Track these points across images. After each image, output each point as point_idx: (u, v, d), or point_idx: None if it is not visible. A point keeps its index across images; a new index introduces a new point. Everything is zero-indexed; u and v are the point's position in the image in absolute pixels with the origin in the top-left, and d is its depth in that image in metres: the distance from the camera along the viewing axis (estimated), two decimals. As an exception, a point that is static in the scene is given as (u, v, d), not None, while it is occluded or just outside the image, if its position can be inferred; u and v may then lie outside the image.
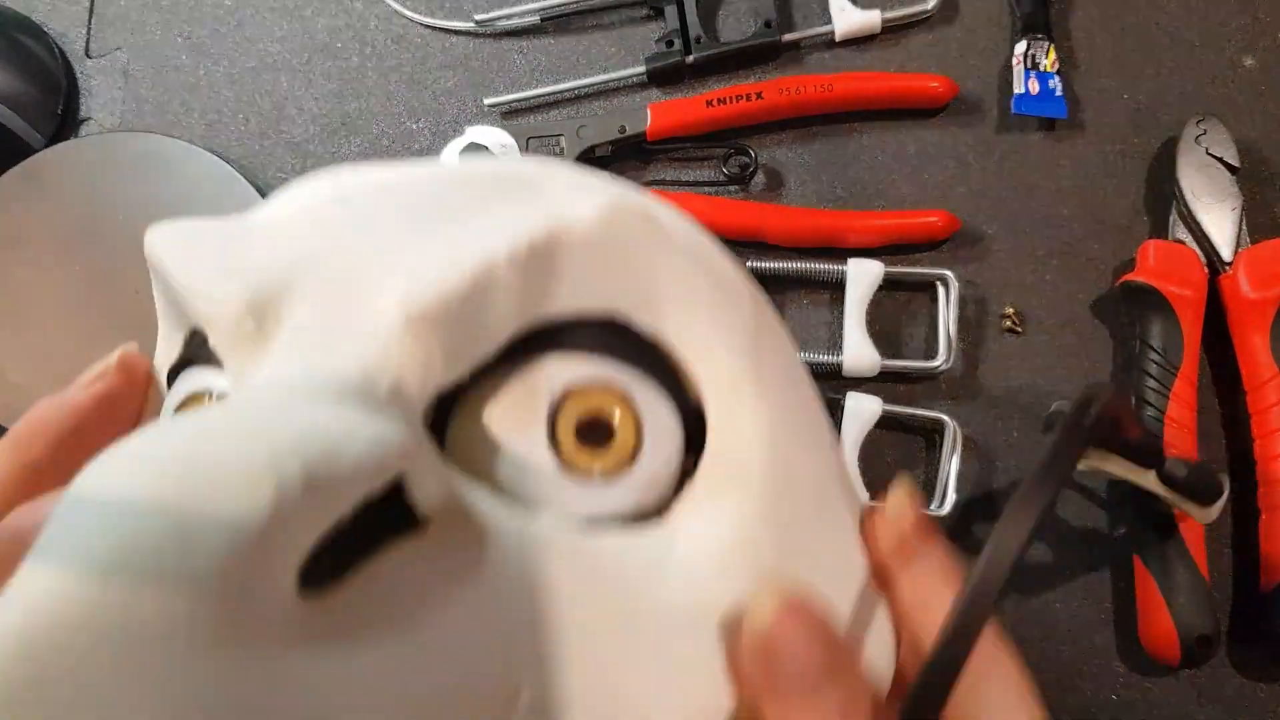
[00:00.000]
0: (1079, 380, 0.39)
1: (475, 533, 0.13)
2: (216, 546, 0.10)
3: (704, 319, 0.17)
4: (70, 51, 0.46)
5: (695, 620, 0.15)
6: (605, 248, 0.16)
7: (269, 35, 0.46)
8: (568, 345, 0.16)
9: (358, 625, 0.12)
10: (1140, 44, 0.42)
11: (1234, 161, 0.39)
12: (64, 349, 0.41)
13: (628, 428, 0.16)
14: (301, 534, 0.11)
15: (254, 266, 0.15)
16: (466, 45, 0.45)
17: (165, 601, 0.10)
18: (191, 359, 0.18)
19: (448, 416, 0.15)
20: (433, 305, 0.14)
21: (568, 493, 0.15)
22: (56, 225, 0.43)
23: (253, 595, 0.11)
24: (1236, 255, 0.37)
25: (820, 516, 0.18)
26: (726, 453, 0.16)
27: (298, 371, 0.14)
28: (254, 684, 0.11)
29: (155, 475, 0.11)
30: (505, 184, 0.18)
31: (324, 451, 0.11)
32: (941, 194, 0.41)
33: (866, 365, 0.38)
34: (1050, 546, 0.38)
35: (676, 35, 0.43)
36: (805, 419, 0.18)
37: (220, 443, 0.11)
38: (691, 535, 0.16)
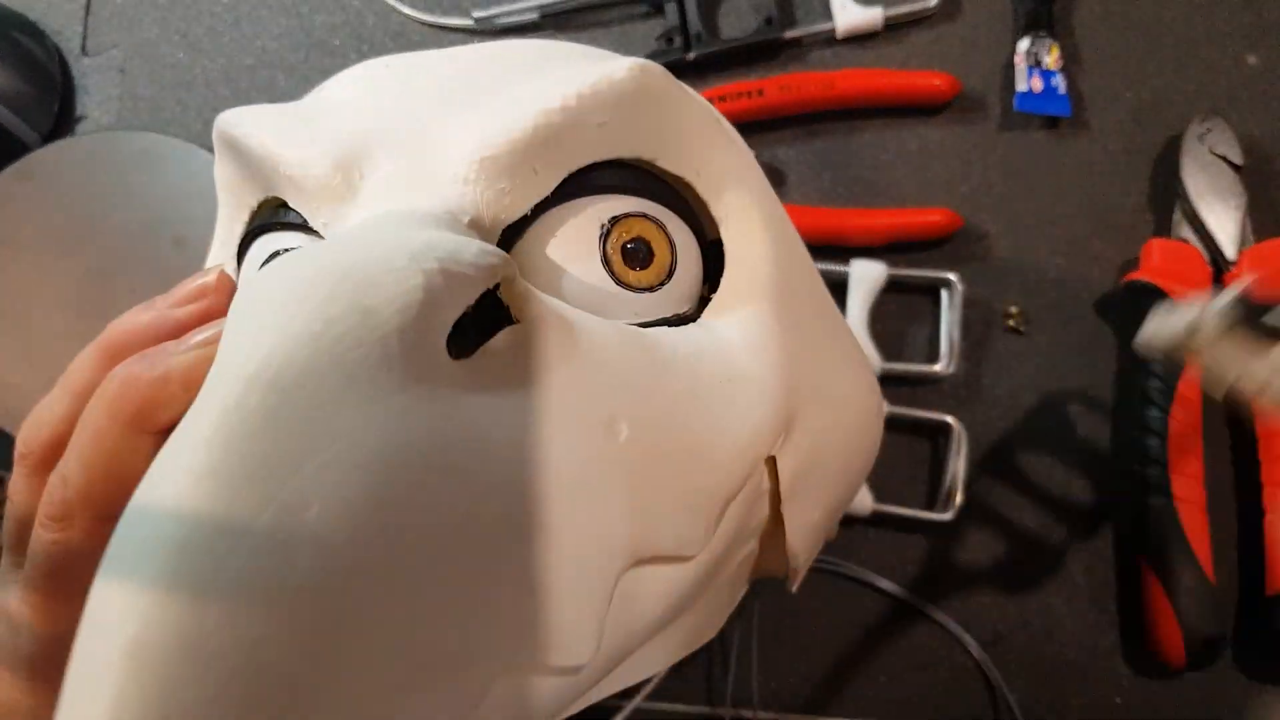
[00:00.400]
0: (1083, 380, 0.39)
1: (564, 324, 0.16)
2: (393, 319, 0.13)
3: (718, 163, 0.20)
4: (66, 49, 0.46)
5: (740, 384, 0.19)
6: (636, 101, 0.18)
7: (266, 33, 0.45)
8: (609, 184, 0.19)
9: (495, 380, 0.15)
10: (1144, 42, 0.42)
11: (1238, 160, 0.38)
12: (60, 348, 0.41)
13: (664, 249, 0.19)
14: (445, 311, 0.14)
15: (334, 132, 0.18)
16: (465, 42, 0.44)
17: (369, 351, 0.13)
18: (264, 227, 0.20)
19: (509, 247, 0.18)
20: (502, 150, 0.17)
21: (621, 302, 0.19)
22: (52, 223, 0.42)
23: (422, 350, 0.14)
24: (1241, 253, 0.37)
25: (816, 312, 0.22)
26: (743, 268, 0.20)
27: (392, 210, 0.17)
28: (434, 411, 0.14)
29: (333, 283, 0.13)
30: (542, 55, 0.21)
31: (450, 253, 0.15)
32: (944, 192, 0.41)
33: (868, 365, 0.38)
34: (1055, 548, 0.38)
35: (677, 32, 0.42)
36: (795, 245, 0.23)
37: (370, 252, 0.14)
38: (725, 330, 0.19)
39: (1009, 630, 0.38)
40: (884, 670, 0.38)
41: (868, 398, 0.24)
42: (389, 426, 0.13)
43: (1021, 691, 0.37)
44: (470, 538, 0.13)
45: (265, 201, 0.20)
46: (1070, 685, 0.37)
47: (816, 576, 0.38)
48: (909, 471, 0.39)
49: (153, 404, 0.17)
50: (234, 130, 0.19)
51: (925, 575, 0.38)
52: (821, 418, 0.21)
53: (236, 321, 0.14)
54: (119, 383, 0.18)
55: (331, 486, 0.12)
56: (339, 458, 0.12)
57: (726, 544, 0.19)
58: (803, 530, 0.22)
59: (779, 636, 0.38)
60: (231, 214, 0.21)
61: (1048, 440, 0.39)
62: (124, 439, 0.18)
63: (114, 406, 0.18)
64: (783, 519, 0.21)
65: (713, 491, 0.18)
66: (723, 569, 0.20)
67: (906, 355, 0.40)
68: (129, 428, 0.17)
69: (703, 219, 0.21)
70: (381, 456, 0.13)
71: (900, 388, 0.39)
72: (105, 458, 0.18)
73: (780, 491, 0.20)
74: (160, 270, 0.41)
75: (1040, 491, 0.38)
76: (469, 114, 0.18)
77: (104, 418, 0.18)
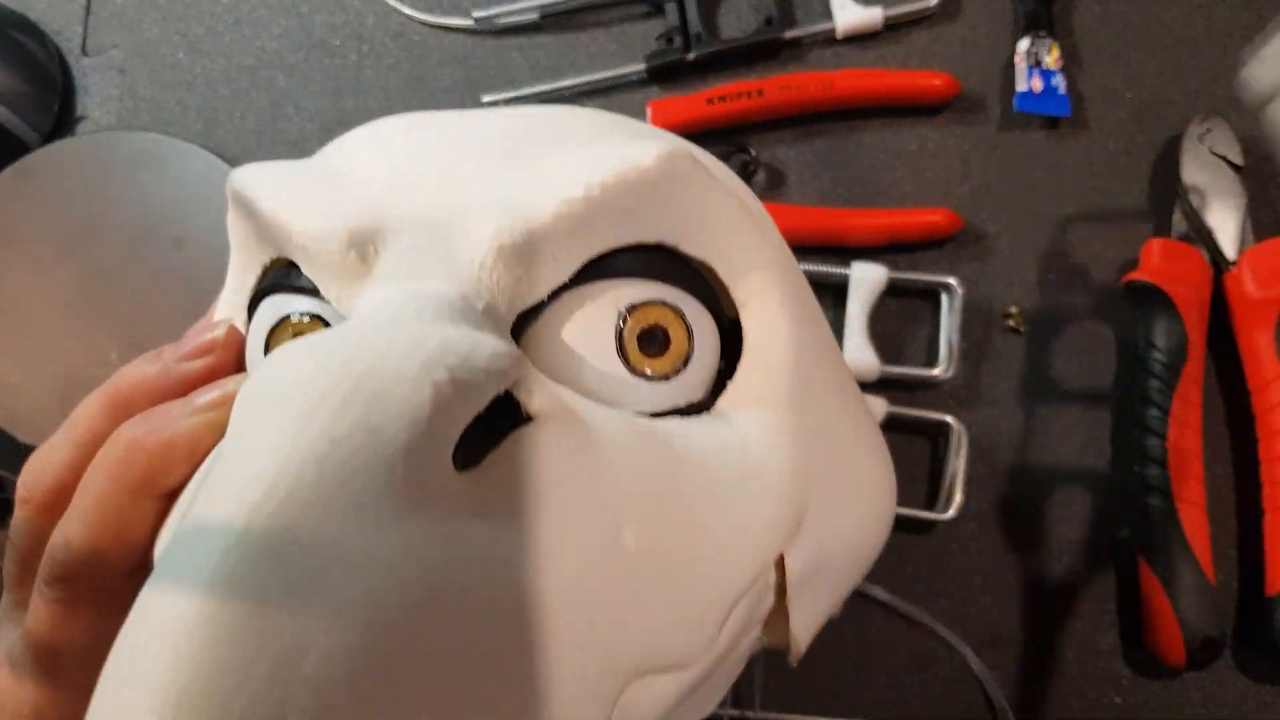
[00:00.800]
0: (1083, 380, 0.39)
1: (576, 423, 0.16)
2: (400, 435, 0.13)
3: (742, 247, 0.20)
4: (66, 49, 0.46)
5: (754, 481, 0.18)
6: (661, 186, 0.18)
7: (266, 33, 0.45)
8: (629, 268, 0.18)
9: (502, 492, 0.15)
10: (1144, 41, 0.42)
11: (1238, 160, 0.38)
12: (60, 348, 0.41)
13: (681, 337, 0.19)
14: (454, 424, 0.14)
15: (350, 203, 0.18)
16: (465, 42, 0.44)
17: (374, 476, 0.13)
18: (274, 287, 0.20)
19: (524, 329, 0.18)
20: (521, 238, 0.17)
21: (635, 390, 0.18)
22: (53, 224, 0.42)
23: (428, 470, 0.14)
24: (1241, 254, 0.37)
25: (836, 400, 0.22)
26: (761, 357, 0.20)
27: (405, 295, 0.16)
28: (437, 538, 0.13)
29: (344, 395, 0.13)
30: (568, 125, 0.20)
31: (461, 360, 0.14)
32: (944, 192, 0.41)
33: (866, 370, 0.38)
34: (1055, 548, 0.38)
35: (677, 32, 0.42)
36: (819, 327, 0.23)
37: (382, 360, 0.14)
38: (740, 420, 0.19)
39: (1008, 630, 0.38)
40: (883, 671, 0.38)
41: (882, 486, 0.23)
42: (391, 562, 0.13)
43: (1021, 691, 0.37)
44: (471, 663, 0.13)
45: (277, 260, 0.20)
46: (1070, 684, 0.37)
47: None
48: (909, 471, 0.39)
49: (158, 470, 0.18)
50: (248, 193, 0.19)
51: (925, 575, 0.38)
52: (834, 513, 0.20)
53: (245, 422, 0.14)
54: (124, 447, 0.18)
55: (330, 632, 0.12)
56: (339, 598, 0.12)
57: (731, 641, 0.18)
58: (807, 620, 0.21)
59: (779, 636, 0.38)
60: (243, 266, 0.21)
61: (1047, 440, 0.39)
62: (128, 504, 0.18)
63: (118, 471, 0.18)
64: (788, 609, 0.20)
65: (719, 598, 0.17)
66: (724, 662, 0.19)
67: (906, 357, 0.40)
68: (134, 493, 0.18)
69: (722, 299, 0.20)
70: (381, 595, 0.13)
71: (898, 390, 0.39)
72: (109, 522, 0.18)
73: (787, 587, 0.20)
74: (160, 270, 0.41)
75: (1040, 491, 0.38)
76: (489, 194, 0.18)
77: (109, 482, 0.18)
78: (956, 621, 0.38)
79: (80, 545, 0.18)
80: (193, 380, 0.20)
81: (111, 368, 0.45)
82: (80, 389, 0.43)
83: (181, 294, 0.41)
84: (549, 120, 0.20)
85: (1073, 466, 0.38)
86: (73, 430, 0.20)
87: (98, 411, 0.20)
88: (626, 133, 0.21)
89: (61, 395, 0.40)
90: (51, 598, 0.18)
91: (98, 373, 0.40)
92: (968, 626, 0.38)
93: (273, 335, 0.19)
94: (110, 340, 0.41)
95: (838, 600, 0.23)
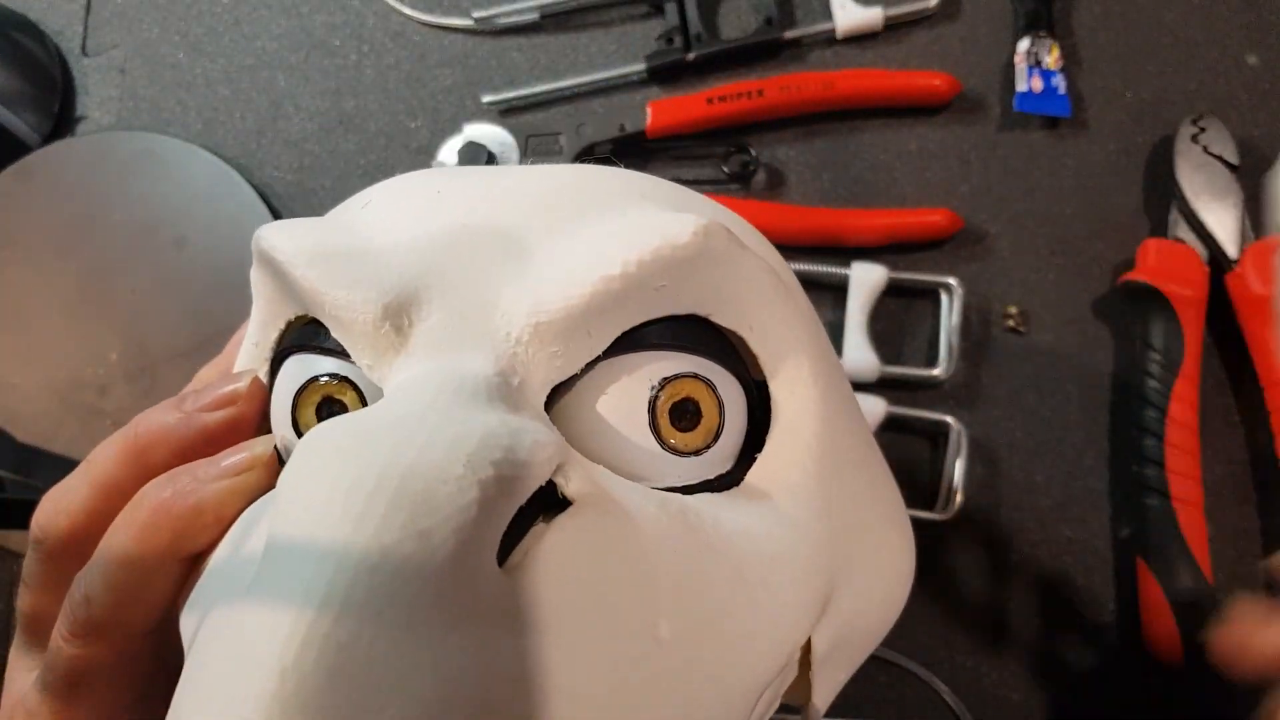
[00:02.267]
0: (1081, 380, 0.39)
1: (613, 507, 0.16)
2: (449, 542, 0.13)
3: (774, 319, 0.20)
4: (67, 49, 0.46)
5: (785, 564, 0.18)
6: (697, 264, 0.18)
7: (266, 33, 0.45)
8: (662, 340, 0.18)
9: (544, 591, 0.15)
10: (1143, 41, 0.42)
11: (1233, 159, 0.38)
12: (60, 348, 0.41)
13: (712, 411, 0.19)
14: (498, 523, 0.14)
15: (384, 275, 0.18)
16: (465, 42, 0.44)
17: (424, 586, 0.13)
18: (300, 345, 0.19)
19: (555, 398, 0.18)
20: (558, 317, 0.17)
21: (665, 464, 0.18)
22: (53, 224, 0.42)
23: (476, 576, 0.14)
24: (1243, 252, 0.37)
25: (862, 472, 0.22)
26: (790, 432, 0.20)
27: (441, 371, 0.16)
28: (484, 647, 0.13)
29: (390, 497, 0.13)
30: (603, 191, 0.20)
31: (505, 454, 0.14)
32: (944, 192, 0.41)
33: (866, 370, 0.38)
34: (1054, 547, 0.38)
35: (677, 32, 0.42)
36: (846, 399, 0.22)
37: (426, 456, 0.14)
38: (770, 495, 0.19)
39: (1008, 629, 0.38)
40: (880, 672, 0.38)
41: (903, 557, 0.23)
42: (440, 675, 0.13)
43: (1020, 690, 0.37)
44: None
45: (301, 316, 0.20)
46: (1069, 683, 0.37)
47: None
48: (909, 471, 0.39)
49: (184, 535, 0.17)
50: (276, 255, 0.18)
51: (925, 575, 0.38)
52: (858, 589, 0.20)
53: (291, 522, 0.14)
54: (149, 510, 0.18)
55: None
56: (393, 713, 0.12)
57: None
58: (828, 691, 0.21)
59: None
60: (265, 320, 0.21)
61: (1047, 440, 0.39)
62: (154, 566, 0.18)
63: (144, 534, 0.18)
64: (810, 681, 0.20)
65: (752, 685, 0.17)
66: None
67: (906, 357, 0.40)
68: (159, 557, 0.18)
69: (750, 365, 0.20)
70: (433, 712, 0.13)
71: (898, 391, 0.39)
72: (133, 584, 0.18)
73: (811, 664, 0.20)
74: (160, 270, 0.41)
75: (1039, 491, 0.39)
76: (525, 266, 0.18)
77: (133, 544, 0.18)
78: (956, 621, 0.38)
79: (102, 603, 0.18)
80: (212, 432, 0.19)
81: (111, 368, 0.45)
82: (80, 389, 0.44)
83: (181, 294, 0.41)
84: (584, 183, 0.20)
85: (1071, 466, 0.38)
86: (90, 474, 0.20)
87: (117, 456, 0.19)
88: (660, 201, 0.20)
89: (61, 395, 0.40)
90: (69, 654, 0.18)
91: (98, 372, 0.41)
92: (968, 625, 0.38)
93: (301, 397, 0.19)
94: (110, 340, 0.41)
95: (856, 666, 0.23)
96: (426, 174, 0.21)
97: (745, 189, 0.42)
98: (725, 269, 0.18)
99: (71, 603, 0.18)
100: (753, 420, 0.20)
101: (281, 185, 0.44)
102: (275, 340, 0.20)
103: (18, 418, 0.40)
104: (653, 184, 0.21)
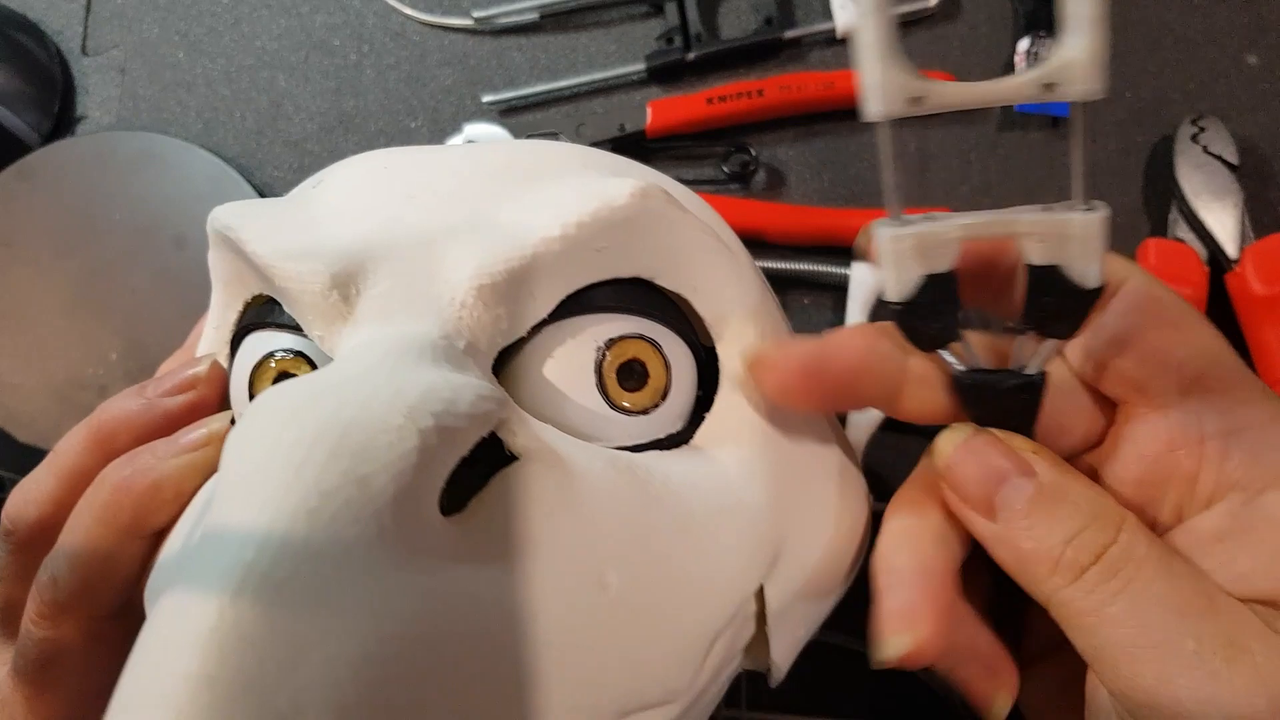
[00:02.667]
0: (1082, 380, 0.39)
1: (558, 464, 0.16)
2: (388, 488, 0.13)
3: (716, 279, 0.20)
4: (67, 49, 0.46)
5: (732, 516, 0.18)
6: (635, 225, 0.18)
7: (266, 33, 0.45)
8: (607, 303, 0.19)
9: (487, 537, 0.15)
10: (1143, 41, 0.42)
11: (1233, 159, 0.38)
12: (60, 348, 0.41)
13: (659, 371, 0.19)
14: (439, 471, 0.14)
15: (331, 245, 0.18)
16: (465, 42, 0.44)
17: (364, 528, 0.13)
18: (257, 324, 0.20)
19: (504, 363, 0.18)
20: (501, 278, 0.17)
21: (614, 424, 0.19)
22: (53, 224, 0.42)
23: (416, 520, 0.14)
24: (1243, 252, 0.37)
25: (811, 429, 0.22)
26: (737, 389, 0.20)
27: (388, 336, 0.17)
28: (426, 587, 0.13)
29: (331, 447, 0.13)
30: (544, 162, 0.20)
31: (446, 406, 0.14)
32: (944, 192, 0.41)
33: (868, 365, 0.38)
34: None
35: (677, 32, 0.42)
36: None
37: (367, 410, 0.14)
38: (718, 452, 0.19)
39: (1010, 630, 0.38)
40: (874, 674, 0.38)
41: (856, 512, 0.23)
42: (381, 614, 0.13)
43: (1021, 691, 0.37)
44: (458, 710, 0.13)
45: (259, 296, 0.20)
46: (1069, 684, 0.37)
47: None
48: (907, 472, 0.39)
49: (145, 512, 0.18)
50: (230, 234, 0.19)
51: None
52: (810, 541, 0.21)
53: (235, 477, 0.14)
54: (110, 489, 0.18)
55: (325, 690, 0.12)
56: (332, 657, 0.12)
57: (713, 674, 0.19)
58: (786, 647, 0.21)
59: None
60: (225, 302, 0.21)
61: (1047, 440, 0.39)
62: (116, 545, 0.18)
63: (106, 513, 0.18)
64: (768, 637, 0.20)
65: (701, 633, 0.17)
66: (707, 693, 0.19)
67: (906, 355, 0.40)
68: (121, 534, 0.18)
69: (698, 329, 0.20)
70: (374, 649, 0.13)
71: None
72: (97, 562, 0.18)
73: (767, 617, 0.20)
74: (160, 270, 0.41)
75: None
76: (468, 233, 0.18)
77: (96, 524, 0.18)
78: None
79: (67, 584, 0.18)
80: (174, 415, 0.20)
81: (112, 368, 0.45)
82: (80, 389, 0.44)
83: (181, 294, 0.41)
84: (524, 155, 0.21)
85: (1072, 466, 0.38)
86: (56, 464, 0.20)
87: (81, 445, 0.20)
88: (601, 168, 0.21)
89: (61, 395, 0.40)
90: (39, 636, 0.18)
91: (98, 372, 0.40)
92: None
93: (257, 373, 0.20)
94: (110, 340, 0.41)
95: (815, 624, 0.23)
96: (376, 152, 0.21)
97: (745, 189, 0.42)
98: (664, 230, 0.19)
99: (39, 586, 0.18)
100: (704, 384, 0.20)
101: (281, 185, 0.44)
102: (234, 321, 0.21)
103: (18, 418, 0.40)
104: (595, 154, 0.22)
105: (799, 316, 0.40)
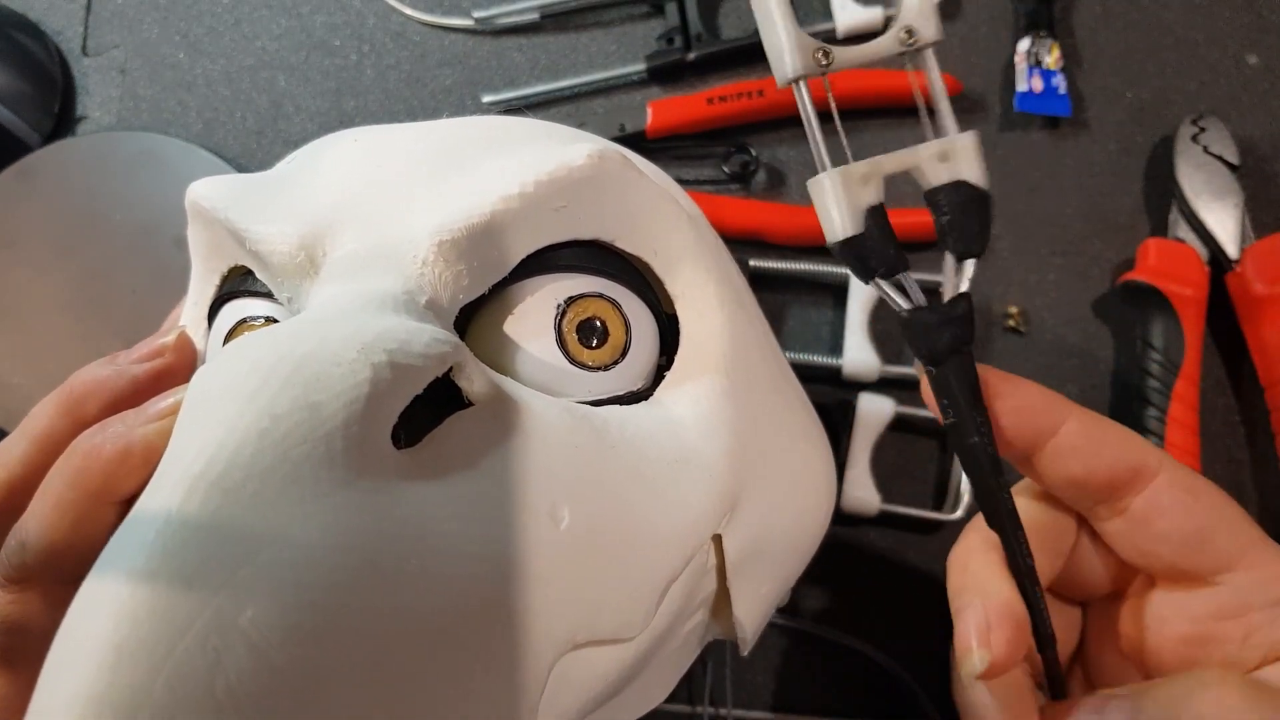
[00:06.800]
0: (1082, 380, 0.39)
1: (514, 407, 0.17)
2: (339, 413, 0.14)
3: (675, 242, 0.21)
4: (67, 49, 0.46)
5: (687, 467, 0.19)
6: (593, 186, 0.19)
7: (267, 33, 0.45)
8: (566, 264, 0.19)
9: (441, 469, 0.15)
10: (1144, 41, 0.42)
11: (1233, 159, 0.38)
12: (60, 348, 0.41)
13: (618, 328, 0.20)
14: (392, 404, 0.15)
15: (300, 209, 0.19)
16: (465, 42, 0.44)
17: (313, 448, 0.14)
18: (232, 294, 0.20)
19: (468, 323, 0.19)
20: (461, 235, 0.18)
21: (575, 380, 0.19)
22: (53, 224, 0.42)
23: (366, 445, 0.14)
24: (1244, 252, 0.37)
25: (772, 388, 0.23)
26: (697, 346, 0.21)
27: (351, 291, 0.17)
28: (374, 506, 0.14)
29: (285, 376, 0.14)
30: (507, 134, 0.21)
31: (400, 345, 0.15)
32: (944, 192, 0.41)
33: (867, 370, 0.38)
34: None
35: (677, 32, 0.42)
36: (755, 322, 0.23)
37: (322, 345, 0.15)
38: (677, 407, 0.20)
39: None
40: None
41: (819, 474, 0.24)
42: (327, 525, 0.13)
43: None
44: (405, 631, 0.14)
45: (234, 268, 0.21)
46: (1070, 684, 0.37)
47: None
48: (915, 471, 0.39)
49: (114, 476, 0.18)
50: (203, 203, 0.20)
51: (933, 574, 0.38)
52: (769, 496, 0.21)
53: (192, 409, 0.15)
54: (81, 455, 0.18)
55: (267, 589, 0.12)
56: (276, 559, 0.13)
57: (670, 621, 0.19)
58: (750, 604, 0.22)
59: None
60: (203, 276, 0.22)
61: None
62: (85, 509, 0.18)
63: (76, 478, 0.18)
64: (729, 593, 0.21)
65: (654, 574, 0.18)
66: (667, 643, 0.20)
67: (908, 357, 0.40)
68: (91, 498, 0.18)
69: (660, 295, 0.21)
70: (318, 556, 0.13)
71: (902, 390, 0.39)
72: (67, 527, 0.18)
73: (725, 568, 0.20)
74: (160, 270, 0.41)
75: (1040, 491, 0.38)
76: (431, 196, 0.19)
77: (67, 488, 0.18)
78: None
79: (36, 546, 0.18)
80: (143, 381, 0.20)
81: (112, 368, 0.44)
82: (81, 389, 0.43)
83: (181, 294, 0.41)
84: (487, 128, 0.21)
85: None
86: (28, 429, 0.20)
87: (53, 411, 0.20)
88: (561, 137, 0.22)
89: (62, 395, 0.40)
90: (6, 599, 0.18)
91: (98, 373, 0.40)
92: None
93: (230, 339, 0.20)
94: (110, 341, 0.41)
95: (781, 588, 0.24)
96: (348, 130, 0.22)
97: (745, 189, 0.42)
98: (623, 193, 0.20)
99: (7, 550, 0.19)
100: (666, 348, 0.21)
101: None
102: (212, 295, 0.22)
103: (18, 418, 0.40)
104: (558, 128, 0.23)
105: (799, 316, 0.40)
